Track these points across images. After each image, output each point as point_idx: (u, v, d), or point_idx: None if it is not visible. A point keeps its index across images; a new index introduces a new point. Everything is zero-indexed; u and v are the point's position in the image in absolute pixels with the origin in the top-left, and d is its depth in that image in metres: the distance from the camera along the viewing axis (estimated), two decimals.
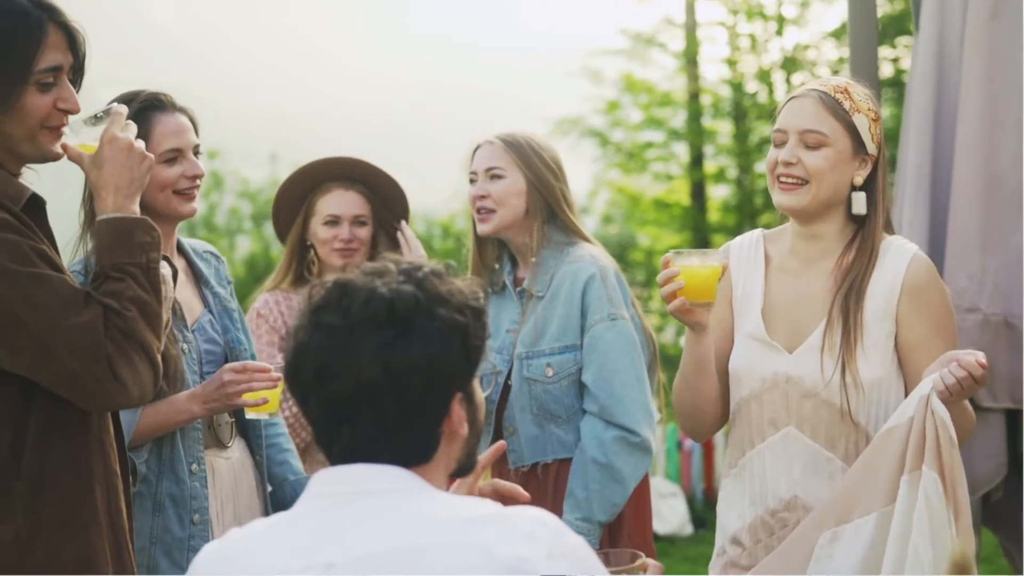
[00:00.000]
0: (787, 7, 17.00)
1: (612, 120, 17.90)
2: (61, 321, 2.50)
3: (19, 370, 2.54)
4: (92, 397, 2.58)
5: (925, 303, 3.08)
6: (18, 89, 2.59)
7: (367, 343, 1.87)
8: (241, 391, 3.35)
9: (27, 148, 2.66)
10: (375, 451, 1.90)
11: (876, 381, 3.08)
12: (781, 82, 17.14)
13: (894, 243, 3.15)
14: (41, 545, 2.57)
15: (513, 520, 1.85)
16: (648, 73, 17.88)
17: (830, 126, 3.10)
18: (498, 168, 3.93)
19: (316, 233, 4.34)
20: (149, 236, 2.68)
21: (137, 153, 2.72)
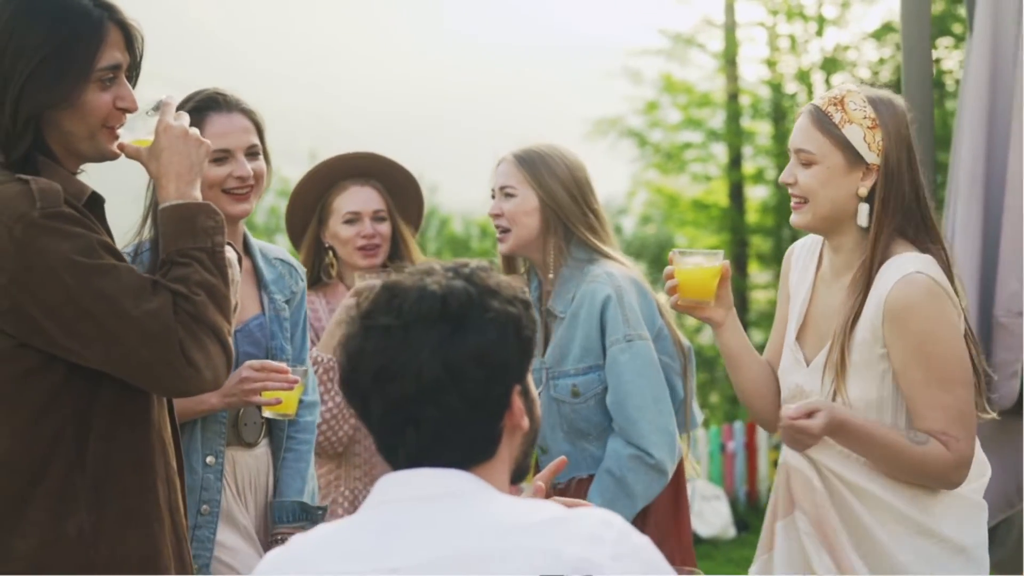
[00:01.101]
0: (827, 7, 16.92)
1: (651, 120, 17.86)
2: (131, 310, 2.51)
3: (92, 362, 2.55)
4: (167, 384, 2.60)
5: (903, 328, 2.99)
6: (80, 87, 2.62)
7: (424, 340, 1.86)
8: (257, 389, 3.39)
9: (86, 146, 2.69)
10: (441, 450, 1.89)
11: (869, 402, 3.05)
12: (821, 83, 17.06)
13: (896, 261, 3.04)
14: (105, 541, 2.59)
15: (577, 522, 1.84)
16: (687, 73, 17.84)
17: (817, 143, 3.06)
18: (510, 186, 3.92)
19: (336, 233, 4.26)
20: (213, 220, 2.70)
21: (193, 139, 2.74)
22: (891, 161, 3.05)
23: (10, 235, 2.49)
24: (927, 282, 3.00)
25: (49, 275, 2.49)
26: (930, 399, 2.98)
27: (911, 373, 2.99)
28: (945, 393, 2.98)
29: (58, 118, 2.64)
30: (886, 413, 3.06)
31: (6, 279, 2.49)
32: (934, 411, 2.98)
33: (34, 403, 2.55)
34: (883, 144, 3.04)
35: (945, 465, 2.99)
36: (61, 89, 2.60)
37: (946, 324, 3.00)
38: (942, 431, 2.98)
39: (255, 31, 52.46)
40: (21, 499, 2.55)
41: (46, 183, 2.56)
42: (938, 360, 2.98)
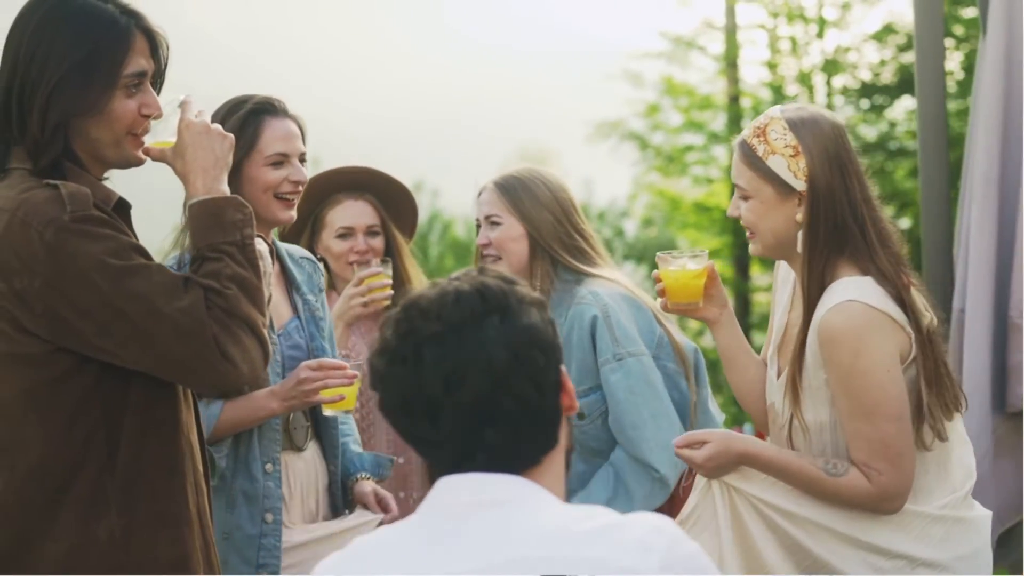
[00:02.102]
0: (828, 9, 16.91)
1: (652, 123, 17.86)
2: (163, 308, 2.52)
3: (128, 362, 2.57)
4: (204, 379, 2.61)
5: (829, 358, 2.95)
6: (107, 94, 2.64)
7: (482, 334, 1.86)
8: (318, 387, 3.39)
9: (112, 153, 2.71)
10: (519, 446, 1.89)
11: (820, 424, 3.04)
12: (822, 85, 17.05)
13: (836, 287, 2.99)
14: (135, 544, 2.60)
15: (627, 529, 1.83)
16: (688, 76, 17.83)
17: (747, 178, 3.06)
18: (495, 215, 3.92)
19: (329, 247, 4.27)
20: (241, 213, 2.70)
21: (216, 133, 2.75)
22: (818, 185, 2.99)
23: (41, 239, 2.50)
24: (860, 311, 2.93)
25: (81, 278, 2.50)
26: (853, 430, 2.96)
27: (839, 402, 2.98)
28: (867, 425, 2.94)
29: (85, 125, 2.66)
30: (834, 436, 3.04)
31: (39, 283, 2.51)
32: (857, 441, 2.96)
33: (66, 408, 2.57)
34: (807, 169, 2.99)
35: (866, 496, 2.96)
36: (89, 96, 2.62)
37: (871, 356, 2.92)
38: (864, 463, 2.96)
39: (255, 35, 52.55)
40: (52, 503, 2.56)
41: (75, 187, 2.57)
42: (860, 392, 2.93)
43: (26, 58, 2.63)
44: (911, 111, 16.08)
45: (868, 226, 3.02)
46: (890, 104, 16.39)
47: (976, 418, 4.03)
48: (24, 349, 2.55)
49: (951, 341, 4.16)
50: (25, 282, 2.51)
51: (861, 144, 16.41)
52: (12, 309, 2.53)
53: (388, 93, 48.64)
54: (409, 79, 51.12)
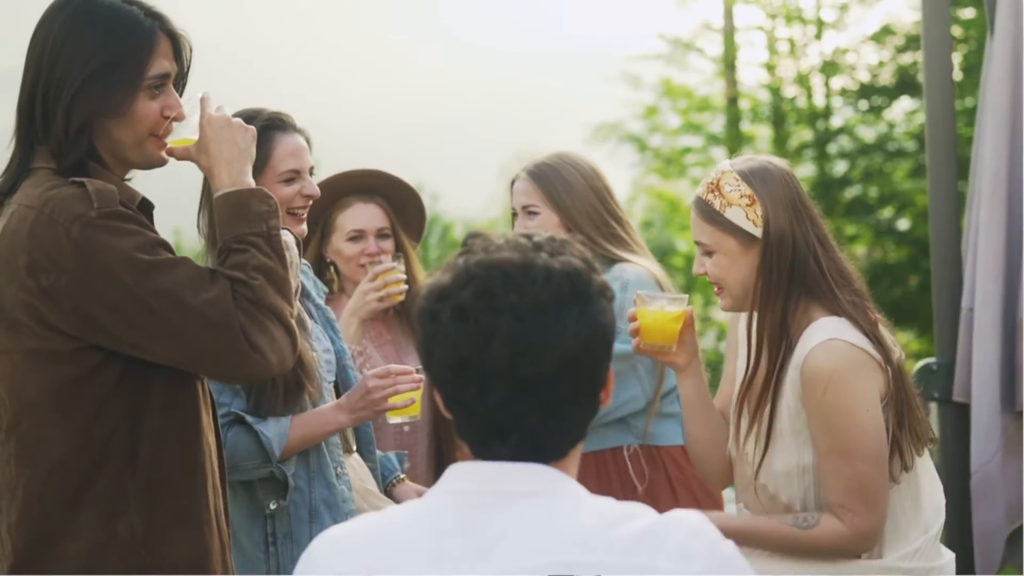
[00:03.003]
0: (826, 11, 16.91)
1: (650, 125, 17.86)
2: (190, 300, 2.53)
3: (159, 356, 2.58)
4: (234, 370, 2.62)
5: (811, 397, 2.95)
6: (131, 95, 2.65)
7: (562, 321, 1.80)
8: (388, 395, 3.39)
9: (134, 154, 2.72)
10: (556, 434, 1.85)
11: (800, 467, 3.03)
12: (820, 86, 17.05)
13: (815, 328, 3.00)
14: (156, 542, 2.61)
15: (666, 535, 1.78)
16: (686, 78, 17.83)
17: (708, 233, 3.07)
18: (532, 205, 4.01)
19: (340, 250, 4.28)
20: (266, 204, 2.71)
21: (237, 126, 2.77)
22: (772, 231, 3.01)
23: (68, 236, 2.51)
24: (843, 349, 2.95)
25: (108, 273, 2.51)
26: (832, 468, 2.97)
27: (818, 440, 2.98)
28: (846, 465, 2.95)
29: (108, 126, 2.67)
30: (813, 479, 3.03)
31: (66, 279, 2.51)
32: (835, 480, 2.97)
33: (89, 407, 2.58)
34: (762, 216, 3.02)
35: (840, 539, 2.97)
36: (113, 98, 2.64)
37: (854, 396, 2.94)
38: (840, 503, 2.96)
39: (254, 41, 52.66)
40: (73, 501, 2.57)
41: (101, 184, 2.58)
42: (841, 432, 2.94)
43: (51, 59, 2.64)
44: (910, 112, 16.09)
45: (826, 267, 3.06)
46: (888, 105, 16.40)
47: (985, 418, 4.02)
48: (50, 346, 2.55)
49: (960, 340, 4.15)
50: (52, 279, 2.52)
51: (860, 145, 16.43)
52: (40, 306, 2.53)
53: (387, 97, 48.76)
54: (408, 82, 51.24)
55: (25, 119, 2.68)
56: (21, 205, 2.59)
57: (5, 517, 2.61)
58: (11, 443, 2.59)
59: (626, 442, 4.01)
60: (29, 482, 2.58)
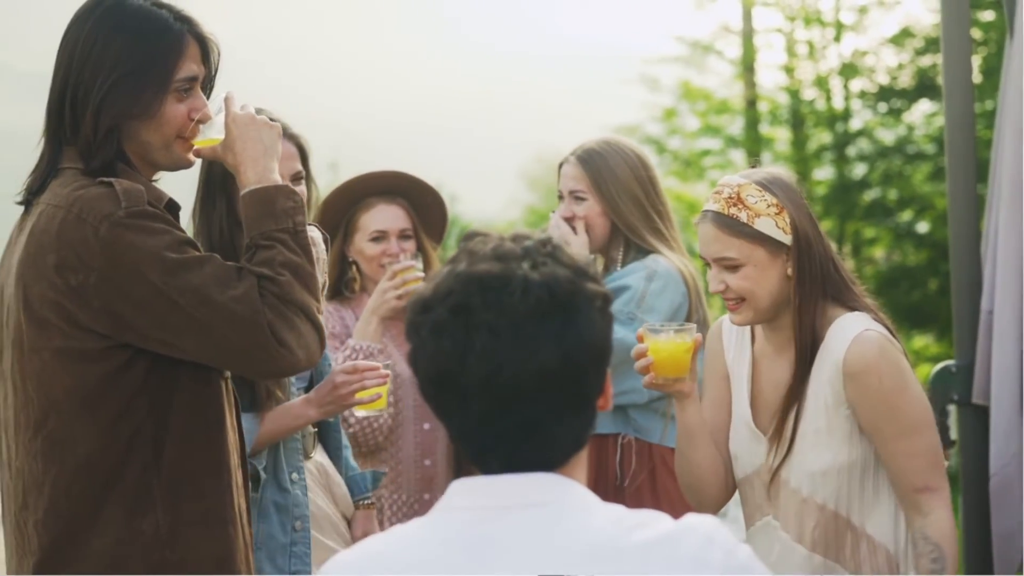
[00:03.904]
0: (845, 13, 16.87)
1: (669, 128, 17.84)
2: (217, 297, 2.55)
3: (188, 354, 2.60)
4: (262, 366, 2.64)
5: (866, 387, 3.00)
6: (160, 98, 2.68)
7: (539, 336, 1.75)
8: (355, 390, 3.46)
9: (161, 156, 2.75)
10: (545, 447, 1.80)
11: (840, 467, 3.06)
12: (839, 88, 17.01)
13: (840, 323, 3.06)
14: (180, 541, 2.63)
15: (680, 543, 1.74)
16: (705, 80, 17.80)
17: (736, 247, 3.06)
18: (580, 191, 4.06)
19: (362, 250, 4.33)
20: (292, 201, 2.73)
21: (262, 123, 2.79)
22: (801, 235, 3.06)
23: (96, 235, 2.54)
24: (878, 337, 3.03)
25: (136, 271, 2.53)
26: (905, 449, 3.01)
27: (883, 429, 3.01)
28: (919, 439, 3.01)
29: (136, 128, 2.70)
30: (855, 475, 3.07)
31: (95, 278, 2.54)
32: (911, 461, 3.01)
33: (114, 405, 2.60)
34: (791, 222, 3.05)
35: (950, 521, 3.02)
36: (142, 100, 2.66)
37: (905, 373, 3.04)
38: (924, 484, 3.01)
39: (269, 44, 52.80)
40: (99, 498, 2.60)
41: (129, 184, 2.61)
42: (906, 409, 3.01)
43: (80, 60, 2.67)
44: (929, 115, 16.04)
45: (839, 266, 3.14)
46: (908, 108, 16.35)
47: (1004, 420, 4.01)
48: (79, 345, 2.58)
49: (979, 343, 4.14)
50: (81, 277, 2.54)
51: (879, 148, 16.39)
52: (68, 305, 2.56)
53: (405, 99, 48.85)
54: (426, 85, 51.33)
55: (54, 120, 2.71)
56: (50, 205, 2.62)
57: (32, 513, 2.63)
58: (38, 440, 2.62)
59: (622, 431, 4.03)
60: (56, 479, 2.60)
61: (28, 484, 2.63)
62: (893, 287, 15.82)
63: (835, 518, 3.07)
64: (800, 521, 3.10)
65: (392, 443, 4.22)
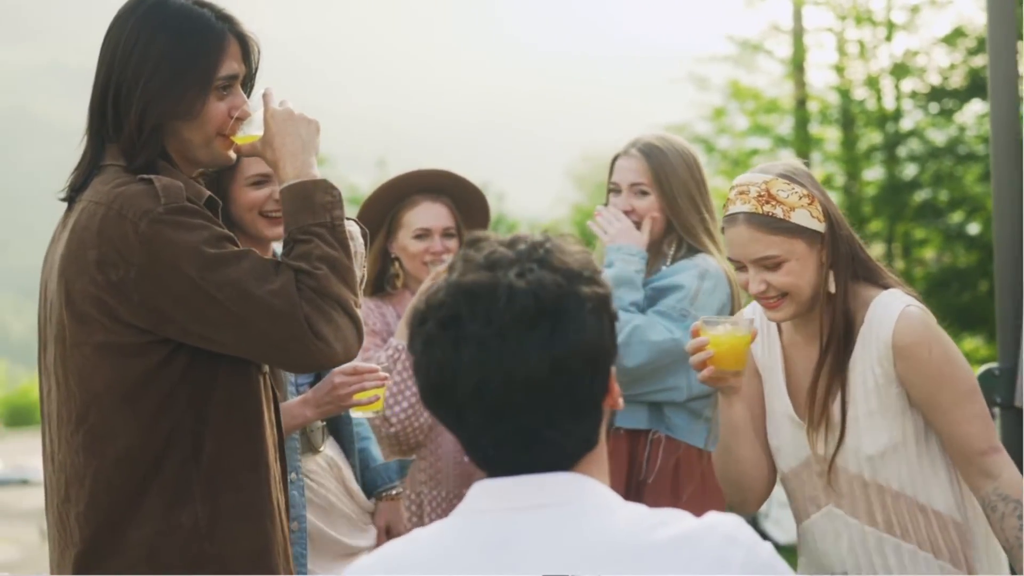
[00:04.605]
0: (897, 12, 16.78)
1: (718, 127, 17.82)
2: (255, 291, 2.57)
3: (227, 347, 2.63)
4: (300, 360, 2.66)
5: (919, 360, 3.00)
6: (202, 97, 2.71)
7: (525, 344, 1.73)
8: (353, 391, 3.48)
9: (202, 153, 2.78)
10: (547, 452, 1.78)
11: (892, 444, 3.05)
12: (890, 88, 16.92)
13: (881, 302, 3.05)
14: (219, 534, 2.65)
15: (702, 542, 1.73)
16: (754, 79, 17.79)
17: (776, 245, 3.04)
18: (642, 184, 4.06)
19: (405, 247, 4.34)
20: (330, 195, 2.75)
21: (300, 118, 2.81)
22: (832, 220, 3.07)
23: (136, 231, 2.57)
24: (919, 312, 3.04)
25: (174, 267, 2.56)
26: (964, 415, 3.00)
27: (939, 400, 3.01)
28: (974, 404, 3.02)
29: (177, 126, 2.73)
30: (911, 451, 3.07)
31: (135, 273, 2.57)
32: (971, 426, 3.00)
33: (154, 399, 2.63)
34: (822, 210, 3.06)
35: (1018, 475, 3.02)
36: (185, 100, 2.69)
37: (949, 342, 3.06)
38: (988, 446, 3.01)
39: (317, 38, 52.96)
40: (138, 491, 2.63)
41: (168, 181, 2.64)
42: (959, 375, 3.02)
43: (123, 59, 2.70)
44: (981, 115, 15.92)
45: (862, 246, 3.14)
46: (959, 108, 16.24)
47: None
48: (119, 339, 2.61)
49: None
50: (121, 273, 2.57)
51: (930, 149, 16.29)
52: (109, 300, 2.59)
53: (454, 97, 48.97)
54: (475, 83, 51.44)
55: (96, 118, 2.74)
56: (91, 201, 2.65)
57: (74, 506, 2.66)
58: (80, 434, 2.65)
59: (655, 428, 4.04)
60: (96, 472, 2.63)
61: (70, 477, 2.67)
62: (943, 288, 15.73)
63: (900, 497, 3.07)
64: (868, 505, 3.09)
65: (432, 440, 4.23)
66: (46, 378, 2.75)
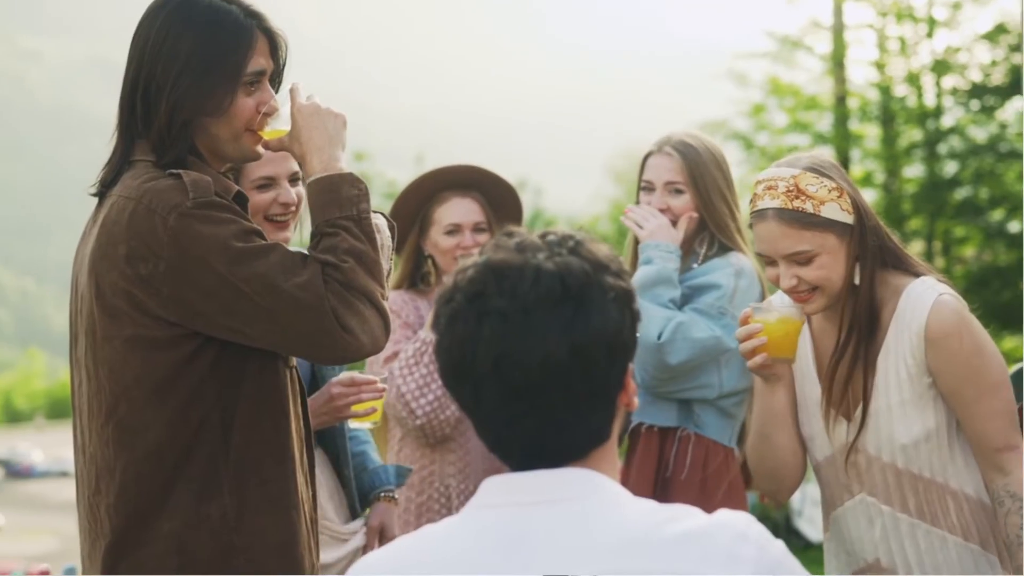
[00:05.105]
0: (938, 8, 16.69)
1: (757, 123, 17.76)
2: (282, 284, 2.59)
3: (256, 340, 2.65)
4: (328, 352, 2.67)
5: (950, 351, 2.99)
6: (230, 93, 2.73)
7: (548, 323, 1.75)
8: (350, 403, 3.50)
9: (230, 149, 2.81)
10: (561, 438, 1.80)
11: (925, 433, 3.05)
12: (931, 85, 16.82)
13: (914, 291, 3.04)
14: (246, 525, 2.68)
15: (714, 538, 1.73)
16: (794, 76, 17.73)
17: (808, 239, 3.03)
18: (678, 183, 4.07)
19: (437, 243, 4.36)
20: (356, 188, 2.77)
21: (326, 112, 2.83)
22: (860, 211, 3.06)
23: (165, 225, 2.59)
24: (953, 300, 3.03)
25: (203, 261, 2.59)
26: (984, 411, 3.00)
27: (964, 392, 3.00)
28: (997, 399, 3.01)
29: (206, 122, 2.75)
30: (943, 439, 3.07)
31: (164, 267, 2.60)
32: (992, 422, 3.00)
33: (183, 392, 2.66)
34: (851, 202, 3.05)
35: None
36: (214, 97, 2.72)
37: (980, 333, 3.04)
38: (1005, 443, 3.00)
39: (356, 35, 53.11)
40: (168, 483, 2.66)
41: (197, 175, 2.67)
42: (986, 369, 3.01)
43: (152, 56, 2.72)
44: (1022, 112, 15.80)
45: (889, 233, 3.12)
46: (1001, 105, 16.14)
47: None
48: (149, 332, 2.63)
49: None
50: (151, 267, 2.60)
51: (971, 146, 16.18)
52: (138, 293, 2.62)
53: (493, 94, 49.03)
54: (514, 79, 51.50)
55: (126, 114, 2.77)
56: (121, 196, 2.68)
57: (104, 498, 2.69)
58: (110, 427, 2.68)
59: (683, 425, 4.05)
60: (126, 464, 2.66)
61: (100, 469, 2.69)
62: (983, 287, 15.64)
63: (932, 484, 3.07)
64: (901, 493, 3.10)
65: (461, 433, 4.26)
66: (77, 371, 2.78)
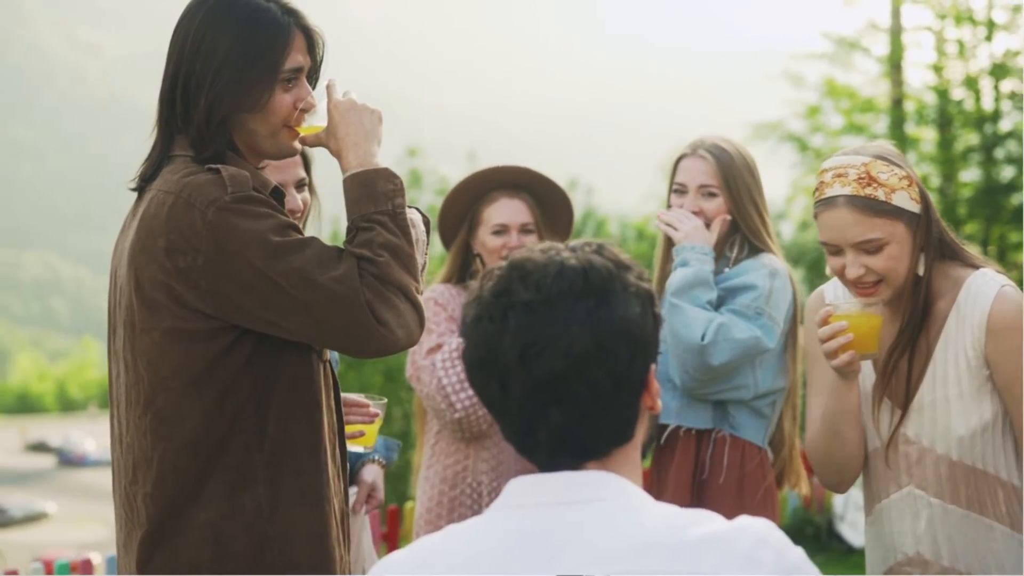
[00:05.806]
0: (997, 11, 16.54)
1: (812, 125, 17.69)
2: (318, 278, 2.63)
3: (292, 333, 2.68)
4: (363, 345, 2.69)
5: (1008, 343, 2.97)
6: (268, 90, 2.77)
7: (572, 314, 1.80)
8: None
9: (268, 145, 2.84)
10: (584, 433, 1.83)
11: (984, 426, 3.03)
12: (989, 89, 16.68)
13: (975, 282, 3.02)
14: (280, 516, 2.72)
15: (733, 542, 1.75)
16: (850, 78, 17.64)
17: (879, 227, 3.00)
18: (713, 187, 4.08)
19: (484, 242, 4.43)
20: (392, 184, 2.80)
21: (362, 108, 2.87)
22: (926, 201, 3.05)
23: (203, 219, 2.63)
24: (1015, 292, 3.01)
25: (240, 254, 2.62)
26: None
27: (1015, 389, 2.97)
28: None
29: (244, 119, 2.79)
30: (997, 431, 3.05)
31: (202, 260, 2.63)
32: None
33: (220, 384, 2.69)
34: (919, 191, 3.03)
35: None
36: (252, 93, 2.76)
37: None
38: None
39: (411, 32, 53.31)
40: (203, 474, 2.69)
41: (235, 170, 2.70)
42: None
43: (191, 52, 2.76)
44: None
45: (946, 226, 3.11)
46: None
47: None
48: (187, 325, 2.67)
49: None
50: (189, 260, 2.64)
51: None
52: (177, 286, 2.65)
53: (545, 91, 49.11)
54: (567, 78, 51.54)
55: (166, 109, 2.81)
56: (160, 191, 2.72)
57: (141, 487, 2.73)
58: (148, 417, 2.71)
59: (719, 427, 4.05)
60: (163, 454, 2.70)
61: (138, 459, 2.73)
62: None
63: (985, 476, 3.05)
64: (953, 484, 3.08)
65: (496, 432, 4.29)
66: (115, 362, 2.82)
